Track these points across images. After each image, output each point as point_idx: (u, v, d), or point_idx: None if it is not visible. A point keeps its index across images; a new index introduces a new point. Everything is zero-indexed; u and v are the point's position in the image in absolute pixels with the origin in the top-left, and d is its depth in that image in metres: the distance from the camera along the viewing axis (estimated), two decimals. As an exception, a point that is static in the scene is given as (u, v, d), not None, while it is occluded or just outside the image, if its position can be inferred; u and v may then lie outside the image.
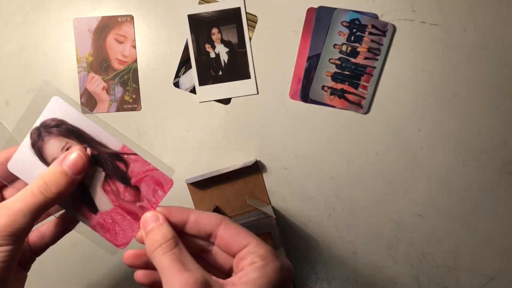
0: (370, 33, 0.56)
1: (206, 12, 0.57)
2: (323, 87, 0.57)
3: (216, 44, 0.58)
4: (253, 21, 0.58)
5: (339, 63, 0.57)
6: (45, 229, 0.40)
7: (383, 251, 0.59)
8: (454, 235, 0.59)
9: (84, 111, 0.37)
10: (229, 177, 0.58)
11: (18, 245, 0.33)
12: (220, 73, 0.58)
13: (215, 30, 0.58)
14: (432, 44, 0.57)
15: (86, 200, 0.37)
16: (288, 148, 0.59)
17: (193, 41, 0.58)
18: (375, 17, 0.56)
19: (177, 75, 0.58)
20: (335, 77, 0.57)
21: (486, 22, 0.56)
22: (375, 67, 0.57)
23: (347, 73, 0.57)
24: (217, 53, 0.58)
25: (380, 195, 0.59)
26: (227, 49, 0.58)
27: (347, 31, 0.57)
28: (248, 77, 0.58)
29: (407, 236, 0.59)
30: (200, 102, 0.58)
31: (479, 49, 0.57)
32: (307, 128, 0.58)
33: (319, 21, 0.57)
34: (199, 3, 0.58)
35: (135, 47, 0.56)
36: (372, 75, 0.57)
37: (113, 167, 0.37)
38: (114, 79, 0.55)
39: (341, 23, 0.57)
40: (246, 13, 0.57)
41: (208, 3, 0.57)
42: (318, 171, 0.59)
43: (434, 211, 0.58)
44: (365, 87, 0.57)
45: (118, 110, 0.59)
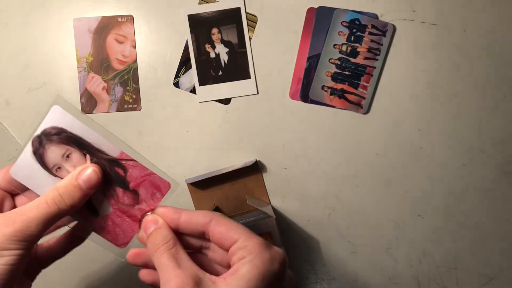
0: (370, 33, 0.56)
1: (206, 12, 0.57)
2: (323, 87, 0.58)
3: (216, 44, 0.58)
4: (253, 21, 0.58)
5: (339, 63, 0.57)
6: (54, 242, 0.42)
7: (383, 251, 0.59)
8: (454, 235, 0.59)
9: (83, 115, 0.37)
10: (229, 177, 0.58)
11: (27, 251, 0.35)
12: (220, 73, 0.58)
13: (215, 30, 0.58)
14: (432, 44, 0.57)
15: (87, 204, 0.39)
16: (288, 148, 0.59)
17: (193, 41, 0.58)
18: (375, 17, 0.57)
19: (177, 75, 0.58)
20: (335, 77, 0.57)
21: (486, 22, 0.56)
22: (375, 67, 0.57)
23: (347, 73, 0.57)
24: (217, 53, 0.58)
25: (380, 195, 0.59)
26: (227, 49, 0.58)
27: (347, 31, 0.57)
28: (248, 77, 0.58)
29: (407, 236, 0.59)
30: (200, 102, 0.59)
31: (479, 49, 0.57)
32: (307, 128, 0.58)
33: (319, 21, 0.57)
34: (199, 3, 0.58)
35: (135, 47, 0.56)
36: (372, 75, 0.57)
37: (112, 172, 0.39)
38: (114, 79, 0.55)
39: (341, 23, 0.57)
40: (246, 13, 0.57)
41: (208, 3, 0.57)
42: (318, 171, 0.59)
43: (434, 211, 0.58)
44: (365, 87, 0.57)
45: (118, 110, 0.59)
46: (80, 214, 0.39)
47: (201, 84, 0.58)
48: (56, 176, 0.38)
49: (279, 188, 0.59)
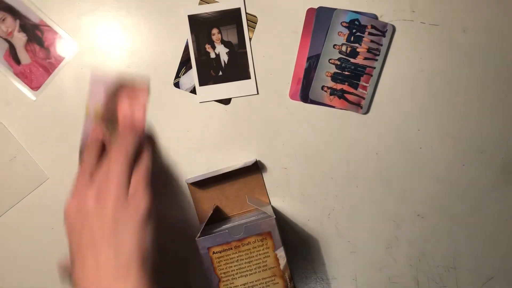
0: (369, 34, 0.57)
1: (206, 12, 0.58)
2: (323, 87, 0.58)
3: (216, 44, 0.58)
4: (253, 21, 0.58)
5: (339, 63, 0.57)
6: None
7: (383, 251, 0.59)
8: (453, 234, 0.59)
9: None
10: (229, 177, 0.58)
11: None
12: (220, 73, 0.58)
13: (215, 30, 0.58)
14: (431, 44, 0.57)
15: (13, 56, 0.56)
16: (288, 148, 0.59)
17: (193, 42, 0.58)
18: (375, 17, 0.57)
19: (177, 76, 0.59)
20: (334, 78, 0.57)
21: (485, 22, 0.57)
22: (374, 68, 0.57)
23: (346, 73, 0.57)
24: (217, 53, 0.58)
25: (379, 195, 0.59)
26: (227, 50, 0.58)
27: (346, 31, 0.57)
28: (248, 77, 0.58)
29: (407, 235, 0.59)
30: (200, 102, 0.59)
31: (479, 49, 0.57)
32: (307, 128, 0.58)
33: (319, 21, 0.57)
34: (199, 4, 0.58)
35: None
36: (371, 75, 0.57)
37: (33, 33, 0.57)
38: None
39: (341, 23, 0.57)
40: (246, 13, 0.57)
41: (208, 3, 0.58)
42: (318, 171, 0.59)
43: (433, 211, 0.59)
44: (364, 87, 0.57)
45: (118, 110, 0.59)
46: (7, 60, 0.56)
47: (201, 84, 0.58)
48: None
49: (279, 188, 0.59)
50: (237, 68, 0.58)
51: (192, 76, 0.58)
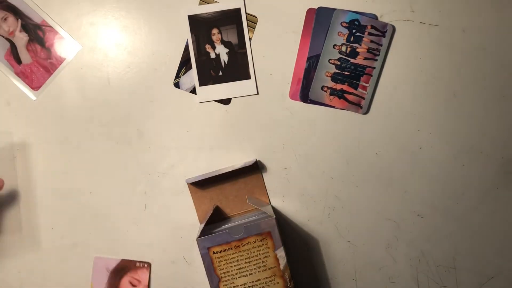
0: (369, 34, 0.57)
1: (206, 12, 0.58)
2: (322, 88, 0.58)
3: (216, 44, 0.58)
4: (253, 21, 0.58)
5: (339, 63, 0.57)
6: None
7: (383, 251, 0.59)
8: (453, 234, 0.59)
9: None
10: (229, 177, 0.58)
11: None
12: (220, 73, 0.58)
13: (215, 30, 0.58)
14: (431, 44, 0.57)
15: (14, 55, 0.57)
16: (288, 148, 0.59)
17: (193, 42, 0.58)
18: (375, 17, 0.57)
19: (178, 76, 0.59)
20: (334, 78, 0.57)
21: (485, 22, 0.57)
22: (374, 68, 0.57)
23: (346, 73, 0.57)
24: (217, 53, 0.58)
25: (379, 195, 0.59)
26: (227, 50, 0.58)
27: (346, 31, 0.57)
28: (248, 77, 0.58)
29: (407, 235, 0.59)
30: (200, 102, 0.59)
31: (478, 49, 0.57)
32: (307, 128, 0.58)
33: (319, 21, 0.57)
34: (199, 4, 0.58)
35: None
36: (371, 76, 0.57)
37: (35, 33, 0.57)
38: None
39: (341, 23, 0.57)
40: (246, 13, 0.57)
41: (208, 3, 0.58)
42: (318, 171, 0.59)
43: (433, 211, 0.59)
44: (364, 88, 0.57)
45: (118, 110, 0.59)
46: (7, 59, 0.56)
47: (201, 84, 0.58)
48: None
49: (279, 188, 0.59)
50: (237, 68, 0.58)
51: (192, 76, 0.59)
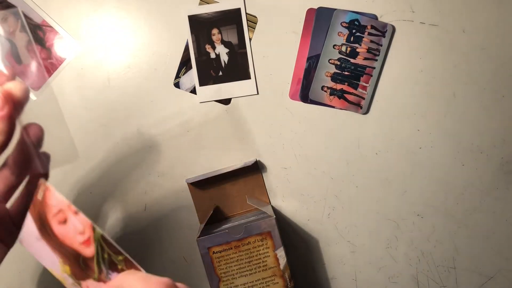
0: (369, 34, 0.57)
1: (206, 12, 0.58)
2: (322, 88, 0.58)
3: (216, 44, 0.58)
4: (253, 21, 0.58)
5: (339, 63, 0.57)
6: (18, 194, 0.38)
7: (383, 251, 0.59)
8: (453, 234, 0.59)
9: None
10: (229, 177, 0.58)
11: None
12: (220, 73, 0.58)
13: (215, 30, 0.58)
14: (431, 44, 0.57)
15: (14, 57, 0.54)
16: (288, 148, 0.59)
17: (193, 42, 0.58)
18: (375, 17, 0.57)
19: (178, 76, 0.59)
20: (334, 78, 0.58)
21: (485, 22, 0.57)
22: (374, 68, 0.57)
23: (346, 73, 0.57)
24: (217, 53, 0.58)
25: (379, 195, 0.59)
26: (227, 50, 0.58)
27: (346, 31, 0.57)
28: (248, 77, 0.58)
29: (406, 235, 0.59)
30: (200, 102, 0.59)
31: (478, 50, 0.57)
32: (307, 128, 0.59)
33: (319, 21, 0.57)
34: (199, 4, 0.58)
35: (77, 212, 0.33)
36: (371, 76, 0.57)
37: (35, 34, 0.57)
38: (101, 267, 0.35)
39: (341, 23, 0.57)
40: (246, 13, 0.58)
41: (208, 4, 0.58)
42: (318, 171, 0.59)
43: (433, 211, 0.59)
44: (364, 88, 0.57)
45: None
46: (7, 60, 0.50)
47: (201, 84, 0.58)
48: None
49: (279, 188, 0.59)
50: (237, 68, 0.58)
51: (192, 76, 0.59)
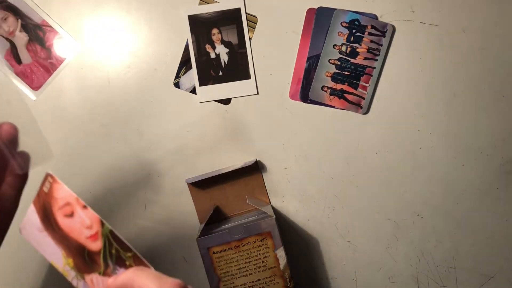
0: (369, 34, 0.57)
1: (206, 12, 0.58)
2: (322, 88, 0.58)
3: (216, 44, 0.58)
4: (253, 21, 0.58)
5: (339, 63, 0.57)
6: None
7: (383, 251, 0.59)
8: (453, 234, 0.59)
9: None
10: (229, 177, 0.58)
11: None
12: (220, 73, 0.58)
13: (215, 30, 0.58)
14: (431, 44, 0.57)
15: (14, 55, 0.57)
16: (288, 148, 0.59)
17: (193, 42, 0.58)
18: (375, 17, 0.57)
19: (178, 76, 0.59)
20: (334, 78, 0.58)
21: (485, 22, 0.57)
22: (374, 68, 0.57)
23: (346, 73, 0.57)
24: (217, 53, 0.58)
25: (379, 195, 0.59)
26: (227, 50, 0.58)
27: (346, 31, 0.57)
28: (248, 77, 0.58)
29: (406, 235, 0.59)
30: (200, 102, 0.59)
31: (478, 50, 0.57)
32: (307, 128, 0.59)
33: (319, 21, 0.57)
34: (199, 4, 0.58)
35: (86, 206, 0.34)
36: (371, 76, 0.57)
37: (35, 33, 0.57)
38: (107, 263, 0.35)
39: (341, 23, 0.57)
40: (246, 13, 0.57)
41: (208, 3, 0.58)
42: (318, 171, 0.59)
43: (433, 211, 0.59)
44: (364, 88, 0.57)
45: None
46: (7, 59, 0.56)
47: (201, 84, 0.58)
48: None
49: (279, 188, 0.59)
50: (237, 68, 0.58)
51: (192, 76, 0.59)
